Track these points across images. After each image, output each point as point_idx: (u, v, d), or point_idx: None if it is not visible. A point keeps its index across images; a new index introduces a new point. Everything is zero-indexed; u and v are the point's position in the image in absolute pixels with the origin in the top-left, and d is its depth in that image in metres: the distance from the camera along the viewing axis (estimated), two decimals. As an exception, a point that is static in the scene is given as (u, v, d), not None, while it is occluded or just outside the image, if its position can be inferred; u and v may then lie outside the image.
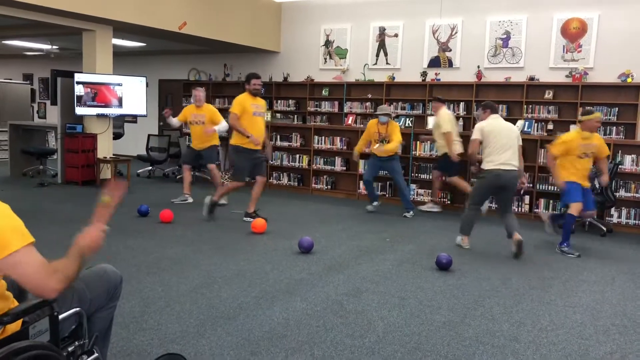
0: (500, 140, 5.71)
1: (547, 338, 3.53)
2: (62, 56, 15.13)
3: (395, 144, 7.61)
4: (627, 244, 6.44)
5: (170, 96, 13.88)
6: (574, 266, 5.36)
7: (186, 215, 7.04)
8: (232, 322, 3.61)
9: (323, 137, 9.35)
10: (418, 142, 8.63)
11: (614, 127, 9.19)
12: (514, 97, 10.02)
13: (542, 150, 7.75)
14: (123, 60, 13.62)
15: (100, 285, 2.26)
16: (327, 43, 11.87)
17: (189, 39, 10.65)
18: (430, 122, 8.81)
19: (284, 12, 12.34)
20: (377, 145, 7.70)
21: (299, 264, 5.03)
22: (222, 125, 8.16)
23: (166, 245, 5.56)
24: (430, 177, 8.44)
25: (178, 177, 10.72)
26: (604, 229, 6.87)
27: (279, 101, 12.35)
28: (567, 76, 9.65)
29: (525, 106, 9.84)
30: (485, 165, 5.77)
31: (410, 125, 8.94)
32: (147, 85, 10.04)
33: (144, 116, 10.41)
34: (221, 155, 11.34)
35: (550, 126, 9.15)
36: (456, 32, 10.57)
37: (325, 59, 11.94)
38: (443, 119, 7.81)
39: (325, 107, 11.83)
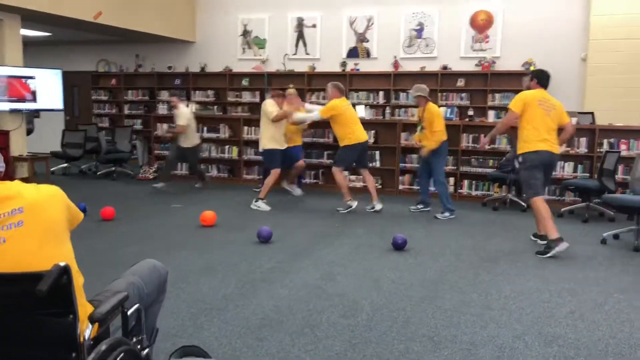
0: None
1: (515, 304, 3.92)
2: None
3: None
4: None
5: (76, 89, 13.20)
6: (510, 240, 5.88)
7: (127, 212, 6.84)
8: (224, 312, 3.67)
9: (253, 128, 9.38)
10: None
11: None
12: (429, 85, 10.26)
13: (464, 134, 8.33)
14: (25, 52, 12.74)
15: (153, 279, 2.29)
16: (245, 33, 11.85)
17: (101, 28, 10.20)
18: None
19: (198, 1, 12.14)
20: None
21: (264, 254, 5.12)
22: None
23: (120, 244, 5.42)
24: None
25: (98, 173, 10.32)
26: (524, 205, 7.54)
27: (197, 92, 12.17)
28: (476, 65, 10.36)
29: (439, 94, 10.45)
30: None
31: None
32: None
33: (61, 110, 9.89)
34: (139, 150, 10.97)
35: (470, 112, 9.78)
36: (372, 23, 10.97)
37: (243, 49, 11.91)
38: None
39: (246, 97, 11.82)
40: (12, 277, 1.66)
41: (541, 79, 5.53)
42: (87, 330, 1.75)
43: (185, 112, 8.47)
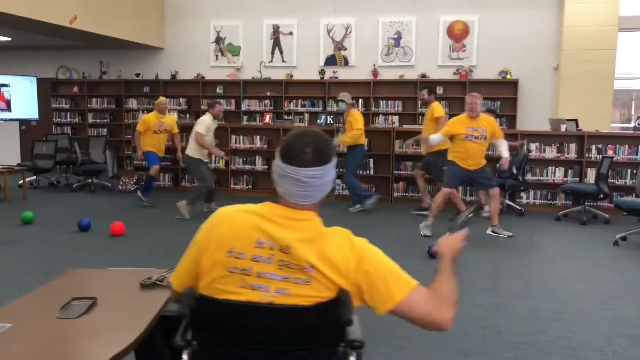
0: None
1: (581, 307, 4.05)
2: None
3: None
4: (546, 221, 7.37)
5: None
6: (522, 244, 6.06)
7: (133, 227, 6.49)
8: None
9: (241, 137, 9.20)
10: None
11: (497, 119, 10.36)
12: (408, 94, 10.77)
13: (458, 141, 8.50)
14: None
15: None
16: (218, 40, 11.62)
17: (66, 33, 9.68)
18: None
19: (167, 6, 11.80)
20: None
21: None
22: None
23: (149, 260, 5.16)
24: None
25: (74, 185, 9.76)
26: (521, 209, 7.80)
27: (168, 100, 11.78)
28: (454, 73, 10.64)
29: (419, 101, 10.63)
30: None
31: (332, 122, 9.19)
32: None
33: (36, 120, 9.30)
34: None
35: None
36: (350, 32, 11.04)
37: (216, 56, 11.68)
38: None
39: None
40: (291, 310, 1.55)
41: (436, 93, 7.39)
42: (352, 358, 1.65)
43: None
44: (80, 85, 12.26)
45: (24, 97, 8.57)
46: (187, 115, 11.61)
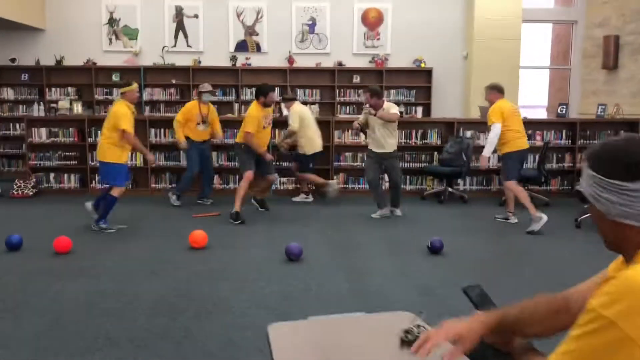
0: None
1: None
2: None
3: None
4: (493, 207, 7.52)
5: None
6: (514, 231, 6.10)
7: (79, 241, 5.43)
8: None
9: (162, 129, 8.25)
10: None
11: (413, 107, 10.48)
12: (325, 82, 10.47)
13: (404, 132, 8.40)
14: None
15: None
16: (112, 21, 10.34)
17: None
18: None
19: (46, -20, 10.25)
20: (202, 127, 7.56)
21: (322, 273, 4.54)
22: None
23: (135, 282, 4.31)
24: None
25: None
26: (465, 196, 7.91)
27: (53, 89, 10.29)
28: (370, 62, 10.53)
29: (337, 90, 10.40)
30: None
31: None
32: None
33: None
34: None
35: (401, 108, 9.89)
36: (262, 16, 10.44)
37: (110, 39, 10.39)
38: (291, 116, 7.67)
39: (118, 94, 10.33)
40: None
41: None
42: None
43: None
44: (-63, 73, 10.23)
45: None
46: (79, 107, 10.19)
